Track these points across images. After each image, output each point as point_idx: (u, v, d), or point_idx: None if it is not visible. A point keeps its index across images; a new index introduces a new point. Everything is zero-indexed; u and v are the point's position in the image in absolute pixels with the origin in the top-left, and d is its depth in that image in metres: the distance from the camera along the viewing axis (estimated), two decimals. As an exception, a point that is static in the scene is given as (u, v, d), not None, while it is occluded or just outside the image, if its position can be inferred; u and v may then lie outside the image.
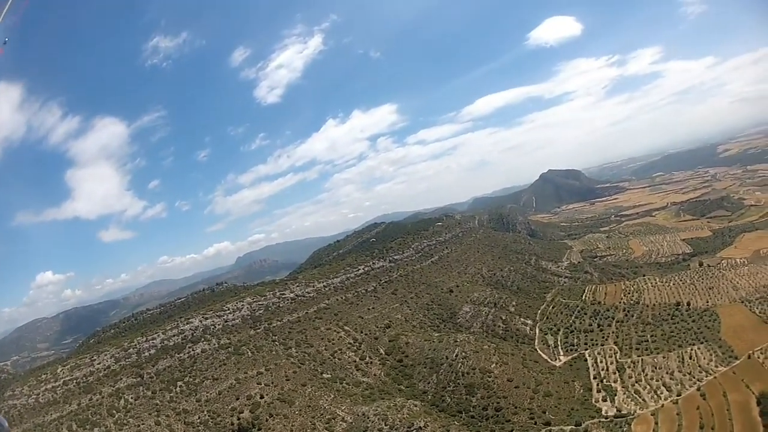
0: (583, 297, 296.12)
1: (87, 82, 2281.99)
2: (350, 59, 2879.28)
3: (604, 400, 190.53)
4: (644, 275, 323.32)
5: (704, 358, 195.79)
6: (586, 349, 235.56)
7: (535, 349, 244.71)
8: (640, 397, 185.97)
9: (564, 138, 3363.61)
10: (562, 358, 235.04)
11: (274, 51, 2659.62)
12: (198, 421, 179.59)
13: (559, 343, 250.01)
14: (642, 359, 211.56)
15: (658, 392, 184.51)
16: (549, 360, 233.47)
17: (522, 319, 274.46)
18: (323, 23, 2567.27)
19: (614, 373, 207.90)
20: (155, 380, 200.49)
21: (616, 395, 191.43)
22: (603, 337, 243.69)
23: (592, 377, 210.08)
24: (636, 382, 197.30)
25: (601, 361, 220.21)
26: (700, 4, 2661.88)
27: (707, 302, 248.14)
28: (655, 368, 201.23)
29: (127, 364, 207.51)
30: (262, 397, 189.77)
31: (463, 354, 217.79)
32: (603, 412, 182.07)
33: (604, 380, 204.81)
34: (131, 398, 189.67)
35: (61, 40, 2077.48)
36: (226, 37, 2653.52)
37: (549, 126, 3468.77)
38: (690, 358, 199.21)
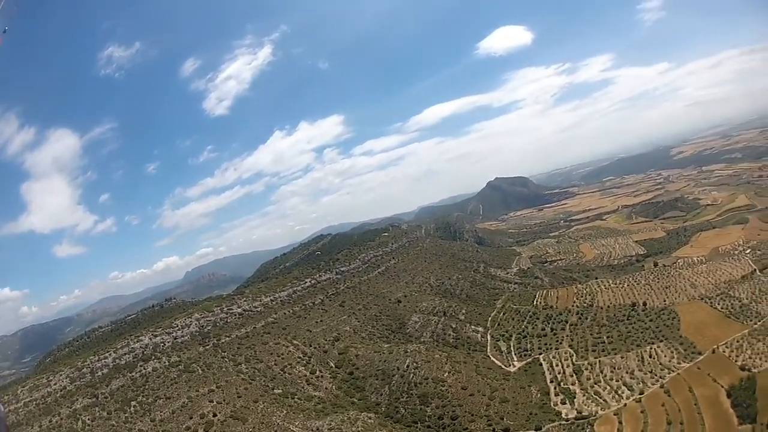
0: (535, 302, 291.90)
1: (44, 91, 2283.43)
2: (298, 70, 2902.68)
3: (563, 403, 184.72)
4: (597, 278, 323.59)
5: (665, 356, 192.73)
6: (541, 354, 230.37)
7: (488, 356, 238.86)
8: (600, 397, 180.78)
9: (512, 146, 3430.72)
10: (516, 363, 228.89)
11: (224, 62, 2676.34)
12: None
13: (512, 348, 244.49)
14: (599, 360, 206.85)
15: (619, 392, 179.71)
16: (503, 366, 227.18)
17: (473, 327, 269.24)
18: (273, 34, 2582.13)
19: (571, 376, 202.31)
20: (110, 400, 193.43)
21: (575, 397, 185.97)
22: (557, 341, 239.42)
23: (548, 381, 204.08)
24: (595, 383, 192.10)
25: (557, 365, 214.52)
26: (658, 11, 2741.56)
27: (664, 301, 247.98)
28: (614, 368, 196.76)
29: (82, 384, 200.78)
30: (215, 415, 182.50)
31: (415, 364, 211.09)
32: (563, 415, 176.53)
33: (562, 383, 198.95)
34: (88, 419, 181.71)
35: (20, 48, 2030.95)
36: (178, 47, 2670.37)
37: (497, 135, 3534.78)
38: (650, 357, 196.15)
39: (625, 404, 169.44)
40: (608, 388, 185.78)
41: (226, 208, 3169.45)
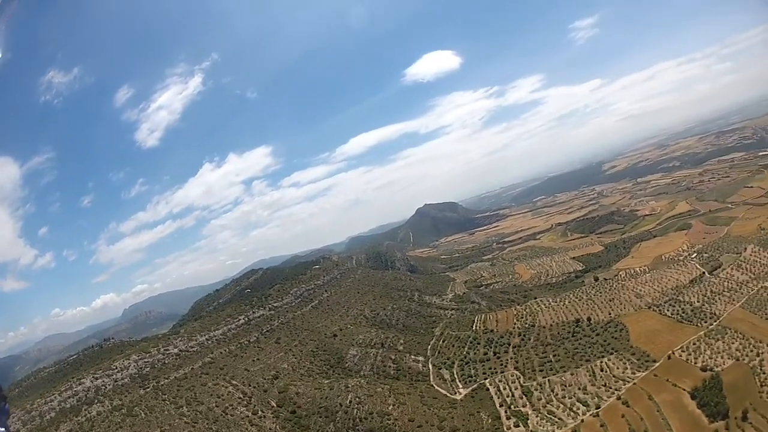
0: (474, 327, 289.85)
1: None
2: (228, 100, 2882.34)
3: (516, 426, 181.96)
4: (536, 298, 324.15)
5: (617, 368, 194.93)
6: (486, 379, 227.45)
7: (432, 386, 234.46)
8: (555, 416, 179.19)
9: (440, 171, 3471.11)
10: (461, 390, 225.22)
11: (156, 91, 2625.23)
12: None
13: (455, 376, 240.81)
14: (549, 380, 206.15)
15: (574, 409, 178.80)
16: (448, 394, 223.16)
17: (413, 357, 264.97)
18: (204, 62, 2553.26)
19: (521, 398, 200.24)
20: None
21: (528, 419, 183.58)
22: (502, 365, 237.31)
23: (498, 405, 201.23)
24: (547, 403, 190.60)
25: (505, 388, 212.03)
26: (591, 29, 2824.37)
27: (610, 314, 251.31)
28: (565, 386, 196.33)
29: (33, 427, 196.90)
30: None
31: (357, 399, 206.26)
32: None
33: (512, 406, 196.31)
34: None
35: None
36: (114, 73, 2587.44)
37: (424, 161, 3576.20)
38: (602, 371, 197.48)
39: (582, 420, 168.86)
40: (562, 406, 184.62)
41: (159, 244, 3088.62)
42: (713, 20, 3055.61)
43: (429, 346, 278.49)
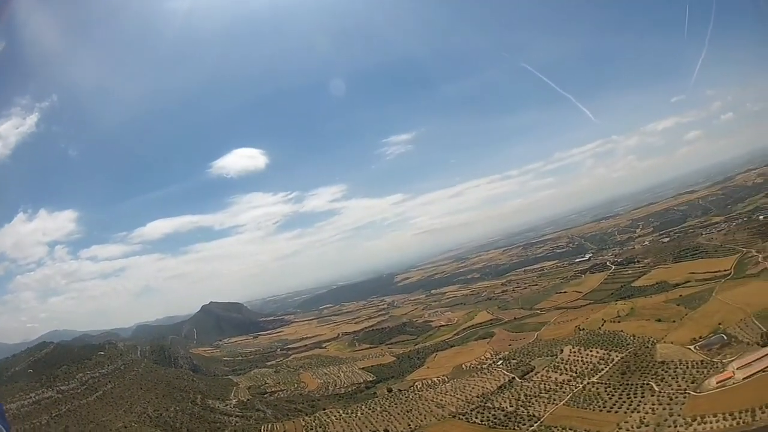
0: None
1: None
2: (52, 150, 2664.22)
3: None
4: (325, 409, 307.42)
5: None
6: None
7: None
8: None
9: (229, 270, 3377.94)
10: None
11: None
12: None
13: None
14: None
15: None
16: None
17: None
18: (45, 101, 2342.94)
19: None
20: None
21: None
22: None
23: None
24: None
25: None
26: (404, 145, 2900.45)
27: (410, 425, 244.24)
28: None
29: None
30: None
31: None
32: None
33: None
34: None
35: None
36: None
37: (215, 257, 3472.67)
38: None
39: None
40: None
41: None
42: (543, 138, 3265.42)
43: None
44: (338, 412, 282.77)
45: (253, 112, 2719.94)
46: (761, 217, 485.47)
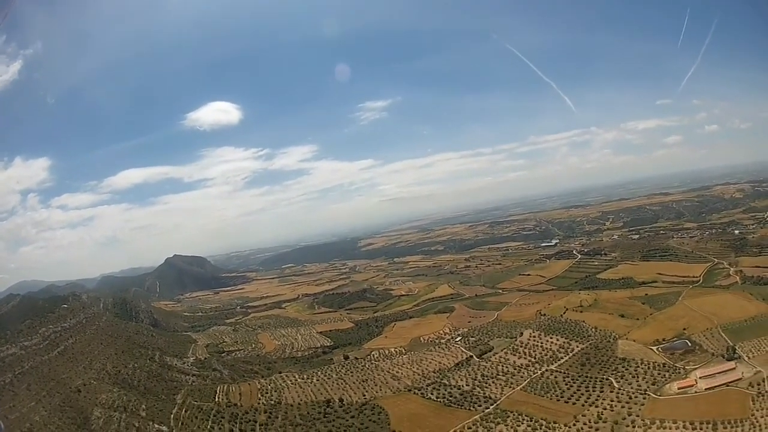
0: (217, 398, 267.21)
1: None
2: (31, 97, 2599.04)
3: None
4: (281, 372, 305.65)
5: None
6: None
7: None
8: None
9: (195, 223, 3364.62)
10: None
11: None
12: None
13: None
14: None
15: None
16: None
17: (156, 426, 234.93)
18: (29, 48, 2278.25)
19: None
20: None
21: None
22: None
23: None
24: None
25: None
26: (379, 112, 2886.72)
27: (364, 396, 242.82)
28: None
29: None
30: None
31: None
32: None
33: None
34: None
35: None
36: None
37: (182, 210, 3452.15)
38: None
39: None
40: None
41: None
42: (519, 120, 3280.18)
43: (172, 415, 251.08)
44: (294, 377, 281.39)
45: (231, 66, 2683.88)
46: (737, 232, 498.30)
